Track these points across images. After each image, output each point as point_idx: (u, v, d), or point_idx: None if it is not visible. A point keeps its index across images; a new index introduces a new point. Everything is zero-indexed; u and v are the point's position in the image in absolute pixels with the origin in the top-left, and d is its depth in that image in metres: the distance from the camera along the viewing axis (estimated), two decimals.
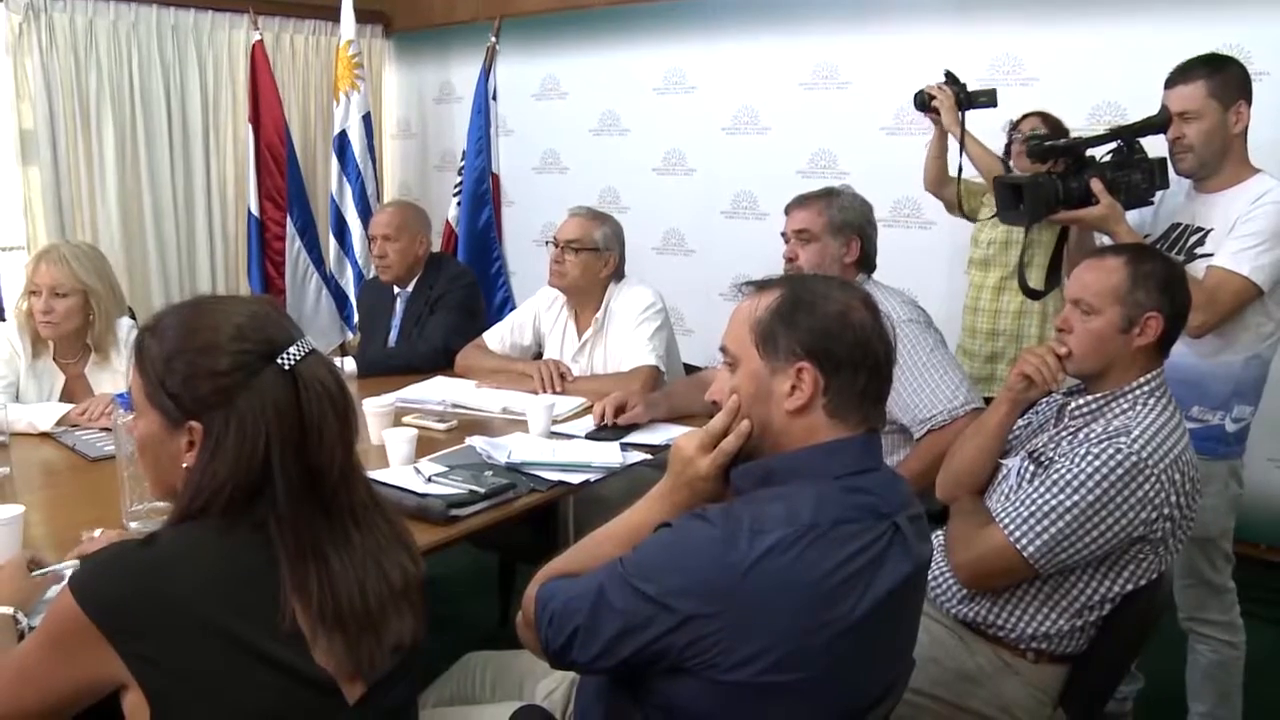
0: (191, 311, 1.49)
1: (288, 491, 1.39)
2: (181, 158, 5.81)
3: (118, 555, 1.39)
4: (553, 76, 5.81)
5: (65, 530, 2.30)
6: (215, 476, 1.38)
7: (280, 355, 1.40)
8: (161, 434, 1.45)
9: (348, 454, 1.47)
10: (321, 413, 1.41)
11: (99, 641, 1.32)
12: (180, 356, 1.42)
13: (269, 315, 1.46)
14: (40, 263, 3.19)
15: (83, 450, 2.91)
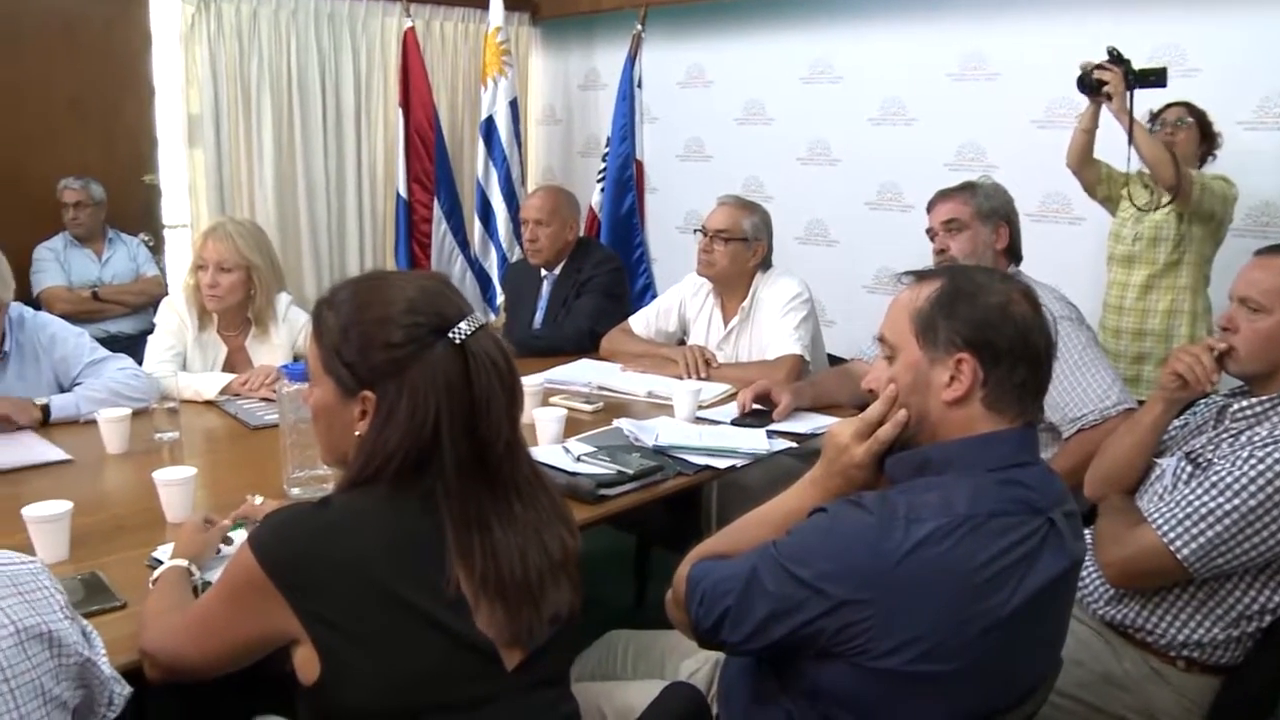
0: (366, 285, 1.54)
1: (455, 462, 1.44)
2: (334, 141, 5.99)
3: (294, 516, 1.46)
4: (698, 65, 5.82)
5: (227, 494, 2.41)
6: (387, 444, 1.43)
7: (451, 330, 1.45)
8: (335, 402, 1.51)
9: (513, 428, 1.52)
10: (490, 387, 1.45)
11: (274, 596, 1.40)
12: (355, 328, 1.47)
13: (440, 290, 1.51)
14: (207, 239, 3.33)
15: (244, 418, 3.04)
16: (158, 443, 2.81)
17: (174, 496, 2.26)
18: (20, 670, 1.16)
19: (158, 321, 3.47)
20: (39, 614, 1.22)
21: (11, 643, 1.16)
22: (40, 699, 1.18)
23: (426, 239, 5.89)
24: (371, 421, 1.46)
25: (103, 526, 2.23)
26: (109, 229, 5.32)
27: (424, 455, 1.43)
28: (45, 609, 1.23)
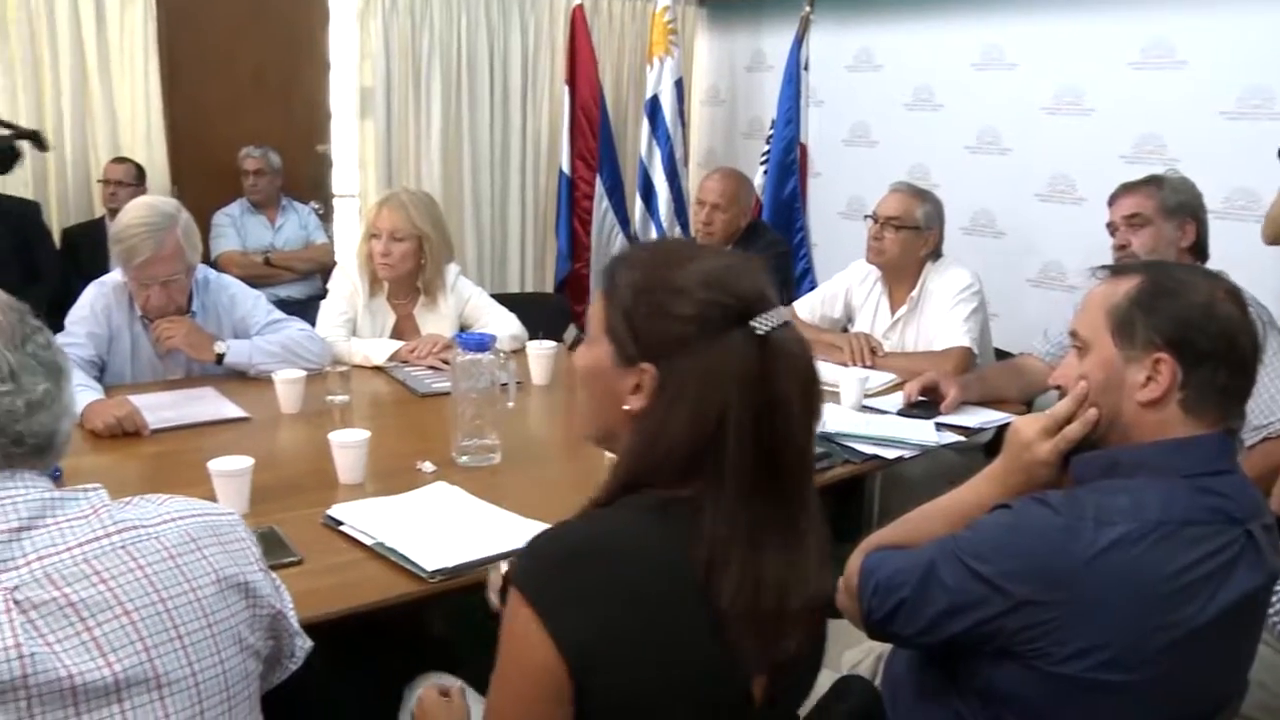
0: (666, 250, 1.45)
1: (739, 468, 1.28)
2: (500, 116, 6.06)
3: (552, 534, 1.33)
4: (866, 49, 5.72)
5: (395, 459, 2.46)
6: (669, 429, 1.29)
7: (754, 318, 1.30)
8: (609, 368, 1.37)
9: (807, 440, 1.35)
10: (789, 390, 1.30)
11: (538, 628, 1.25)
12: (649, 293, 1.34)
13: (745, 271, 1.37)
14: (382, 208, 3.40)
15: (412, 385, 3.10)
16: (329, 405, 2.89)
17: (348, 459, 2.31)
18: (221, 617, 1.18)
19: (331, 287, 3.56)
20: (237, 564, 1.24)
21: (213, 590, 1.19)
22: (237, 645, 1.20)
23: (588, 215, 5.92)
24: (652, 401, 1.32)
25: (279, 483, 2.30)
26: (283, 197, 5.49)
27: (703, 454, 1.28)
28: (243, 559, 1.26)
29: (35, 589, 1.07)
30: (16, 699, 1.02)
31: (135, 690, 1.08)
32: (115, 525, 1.15)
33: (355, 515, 2.08)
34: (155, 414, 2.70)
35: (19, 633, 1.04)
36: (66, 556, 1.10)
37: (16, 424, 1.13)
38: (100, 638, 1.08)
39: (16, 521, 1.10)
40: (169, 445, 2.60)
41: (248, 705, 1.23)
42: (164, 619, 1.13)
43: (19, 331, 1.17)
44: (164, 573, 1.15)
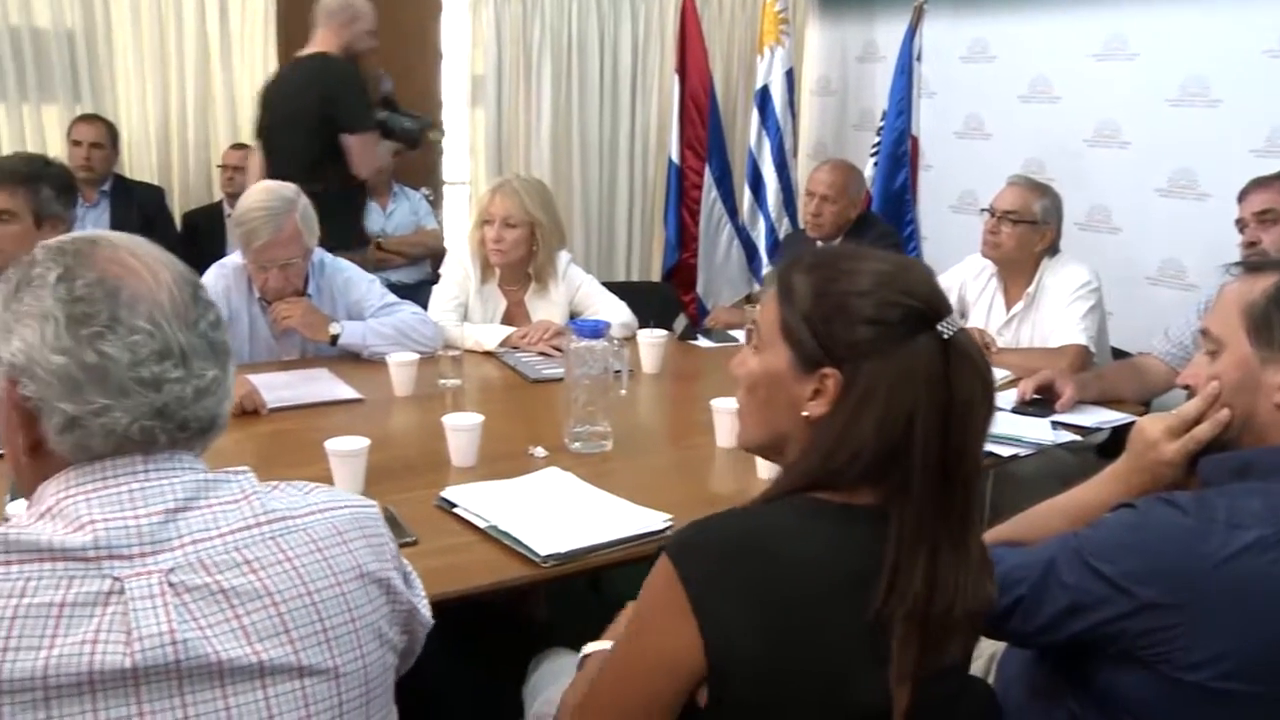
0: (836, 253, 1.44)
1: (925, 472, 1.26)
2: (610, 105, 6.07)
3: (718, 522, 1.32)
4: (981, 39, 5.62)
5: (506, 443, 2.47)
6: (859, 435, 1.28)
7: (940, 322, 1.29)
8: (786, 373, 1.35)
9: (980, 447, 1.35)
10: (971, 395, 1.28)
11: (684, 615, 1.25)
12: (833, 297, 1.32)
13: (917, 272, 1.36)
14: (495, 194, 3.43)
15: (523, 371, 3.12)
16: (441, 389, 2.92)
17: (462, 442, 2.33)
18: (363, 611, 1.18)
19: (443, 272, 3.61)
20: (379, 559, 1.23)
21: (356, 584, 1.18)
22: (377, 640, 1.20)
23: (696, 205, 5.90)
24: (837, 406, 1.30)
25: (392, 464, 2.33)
26: (394, 183, 5.56)
27: (887, 460, 1.27)
28: (383, 554, 1.25)
29: (189, 574, 1.07)
30: (168, 679, 1.03)
31: (279, 675, 1.09)
32: (265, 514, 1.15)
33: (469, 498, 2.10)
34: (272, 393, 2.75)
35: (173, 617, 1.04)
36: (219, 543, 1.10)
37: (184, 410, 1.13)
38: (249, 626, 1.08)
39: (173, 502, 1.10)
40: (285, 424, 2.65)
41: (384, 699, 1.23)
42: (310, 611, 1.13)
43: (192, 311, 1.16)
44: (311, 565, 1.15)
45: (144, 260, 1.15)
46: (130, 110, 5.20)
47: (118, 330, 1.09)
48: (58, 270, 1.11)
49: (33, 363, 1.08)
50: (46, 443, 1.11)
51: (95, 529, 1.06)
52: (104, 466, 1.10)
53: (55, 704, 1.00)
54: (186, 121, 5.27)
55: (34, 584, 1.02)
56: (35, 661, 0.99)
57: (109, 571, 1.04)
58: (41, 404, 1.09)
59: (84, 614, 1.02)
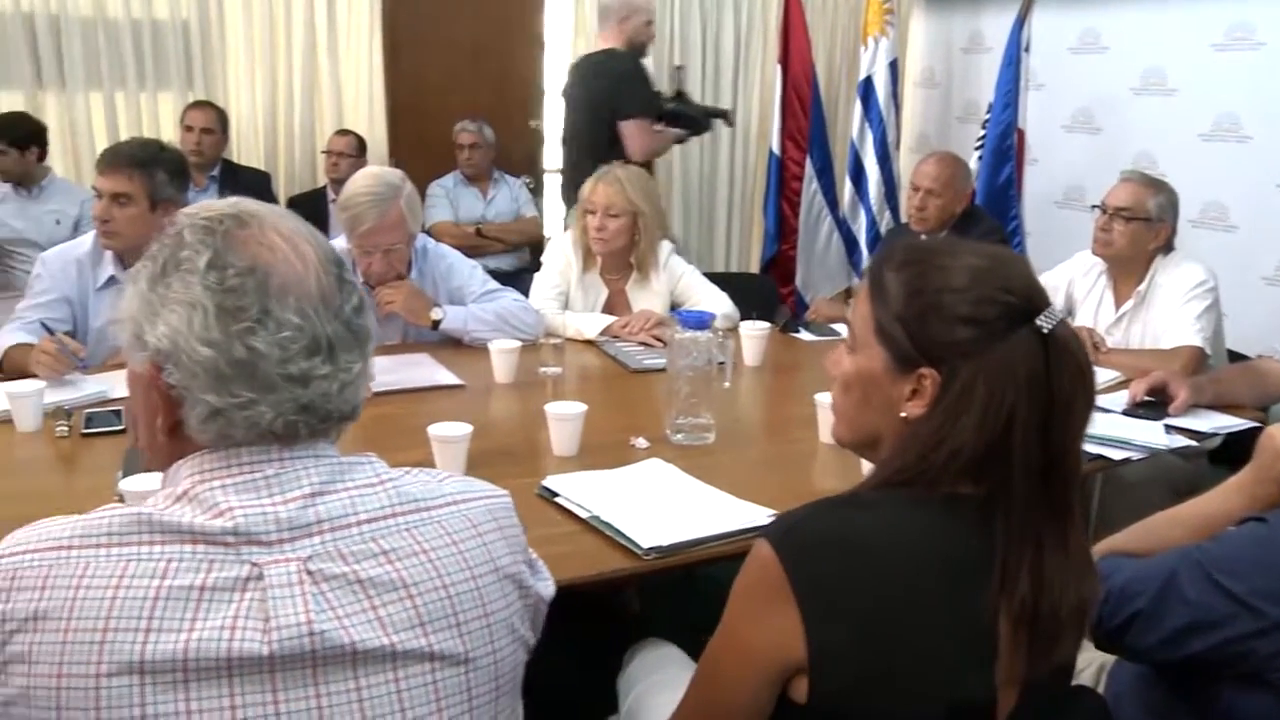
0: (930, 248, 1.39)
1: (1024, 470, 1.24)
2: (711, 94, 6.04)
3: (820, 510, 1.30)
4: (1093, 29, 5.48)
5: (606, 433, 2.46)
6: (958, 436, 1.25)
7: (1039, 315, 1.25)
8: (882, 374, 1.33)
9: (1080, 442, 1.32)
10: (1072, 391, 1.25)
11: (786, 602, 1.23)
12: (924, 293, 1.30)
13: (1015, 265, 1.32)
14: (598, 184, 3.43)
15: (624, 360, 3.11)
16: (542, 376, 2.92)
17: (565, 431, 2.33)
18: (496, 606, 1.17)
19: (545, 260, 3.61)
20: (513, 553, 1.22)
21: (491, 579, 1.17)
22: (510, 635, 1.19)
23: (796, 197, 5.86)
24: (934, 405, 1.28)
25: (493, 451, 2.33)
26: (495, 170, 5.60)
27: (990, 456, 1.24)
28: (517, 547, 1.24)
29: (327, 562, 1.07)
30: (304, 667, 1.04)
31: (412, 665, 1.09)
32: (401, 504, 1.15)
33: (570, 487, 2.10)
34: (375, 377, 2.77)
35: (310, 606, 1.04)
36: (355, 532, 1.10)
37: (328, 404, 1.12)
38: (385, 617, 1.08)
39: (310, 488, 1.10)
40: (387, 408, 2.67)
41: (512, 694, 1.22)
42: (445, 605, 1.12)
43: (337, 296, 1.14)
44: (446, 559, 1.14)
45: (290, 239, 1.13)
46: (240, 97, 5.31)
47: (268, 325, 1.08)
48: (207, 255, 1.09)
49: (178, 350, 1.08)
50: (185, 426, 1.10)
51: (234, 515, 1.06)
52: (240, 454, 1.10)
53: (194, 687, 1.00)
54: (293, 108, 5.37)
55: (175, 565, 1.03)
56: (176, 644, 1.00)
57: (247, 557, 1.05)
58: (185, 393, 1.09)
59: (223, 599, 1.03)
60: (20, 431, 2.49)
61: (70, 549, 1.05)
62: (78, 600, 1.01)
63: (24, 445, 2.46)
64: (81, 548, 1.04)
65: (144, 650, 1.00)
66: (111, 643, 1.00)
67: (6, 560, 1.06)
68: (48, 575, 1.03)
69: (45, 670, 1.00)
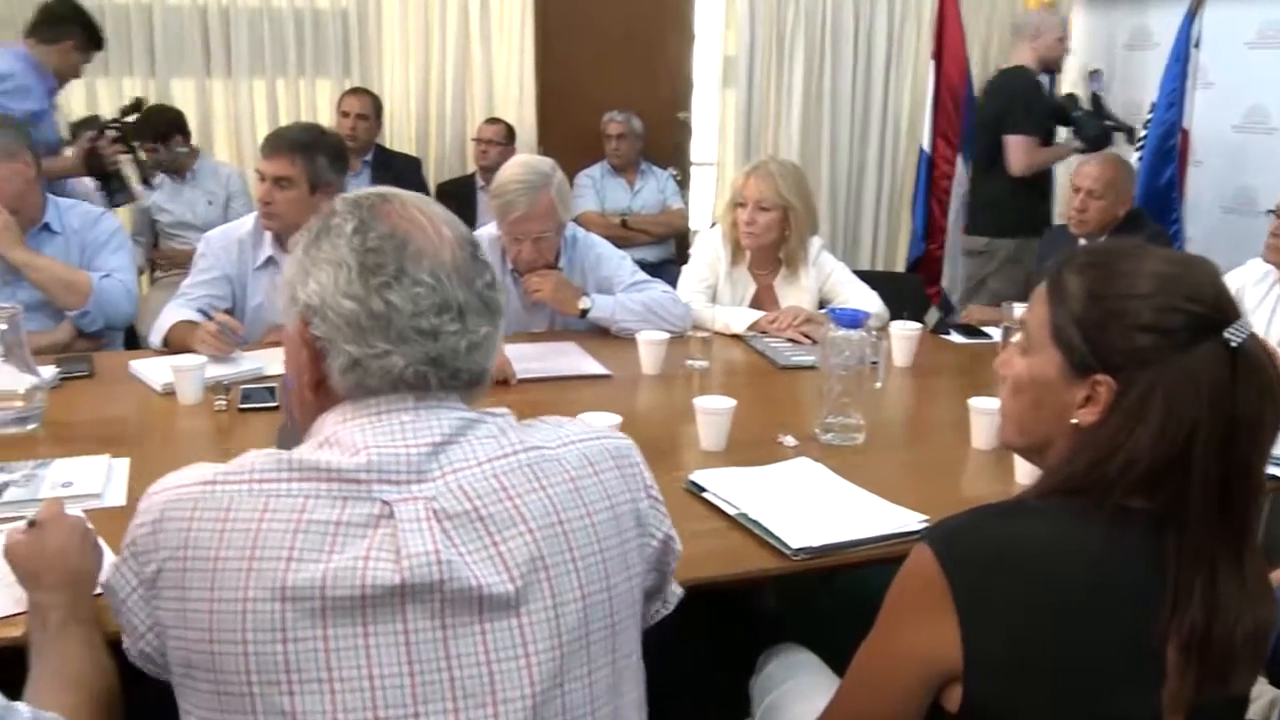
0: (1115, 251, 1.34)
1: (1202, 489, 1.19)
2: (862, 89, 5.95)
3: (984, 517, 1.28)
4: (1273, 22, 5.23)
5: (753, 429, 2.42)
6: (1134, 448, 1.20)
7: (1227, 329, 1.20)
8: (1055, 378, 1.30)
9: (1265, 463, 1.26)
10: (1259, 409, 1.20)
11: (945, 609, 1.21)
12: (1106, 298, 1.26)
13: (1204, 273, 1.27)
14: (750, 177, 3.39)
15: (772, 356, 3.07)
16: (688, 369, 2.90)
17: (713, 425, 2.30)
18: (611, 543, 1.19)
19: (693, 253, 3.59)
20: (630, 490, 1.25)
21: (606, 516, 1.20)
22: (625, 573, 1.21)
23: (946, 196, 5.70)
24: (1110, 414, 1.24)
25: (639, 442, 2.24)
26: (642, 161, 5.59)
27: (1167, 470, 1.20)
28: (635, 485, 1.26)
29: (450, 500, 1.12)
30: (432, 599, 1.08)
31: (533, 602, 1.12)
32: (521, 445, 1.19)
33: (718, 483, 2.07)
34: (521, 364, 2.79)
35: (438, 540, 1.09)
36: (477, 470, 1.15)
37: (456, 360, 1.18)
38: (505, 554, 1.11)
39: (439, 436, 1.15)
40: (534, 395, 2.68)
41: (630, 636, 1.23)
42: (561, 540, 1.15)
43: (471, 269, 1.21)
44: (564, 495, 1.17)
45: (430, 218, 1.22)
46: (394, 84, 5.41)
47: (403, 281, 1.16)
48: (354, 222, 1.19)
49: (325, 305, 1.17)
50: (329, 379, 1.19)
51: (369, 453, 1.12)
52: (379, 402, 1.17)
53: (331, 616, 1.06)
54: (445, 96, 5.45)
55: (312, 501, 1.10)
56: (314, 572, 1.06)
57: (379, 495, 1.11)
58: (329, 344, 1.17)
59: (357, 534, 1.09)
60: (182, 403, 2.58)
61: (215, 484, 1.13)
62: (225, 532, 1.10)
63: (185, 417, 2.55)
64: (225, 483, 1.13)
65: (285, 577, 1.06)
66: (258, 570, 1.07)
67: (157, 496, 1.16)
68: (195, 508, 1.12)
69: (198, 595, 1.09)
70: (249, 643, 1.06)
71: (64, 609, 1.41)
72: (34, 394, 2.36)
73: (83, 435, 2.39)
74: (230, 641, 1.07)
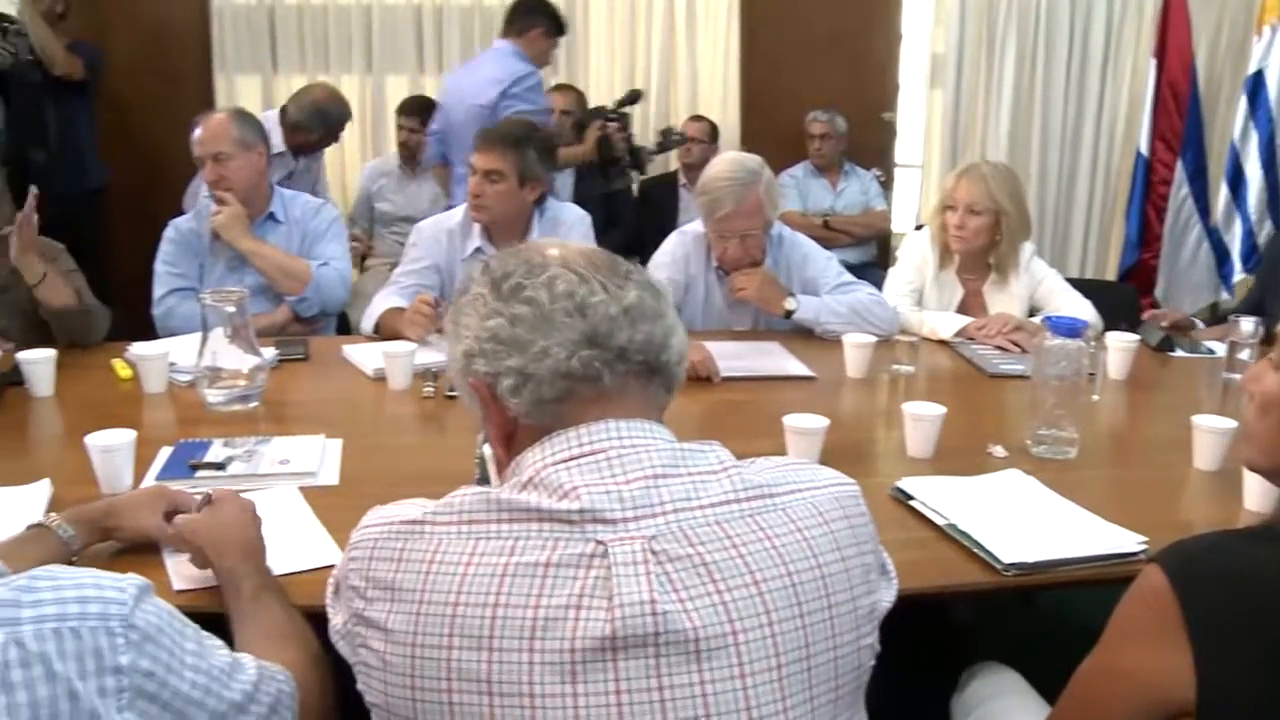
0: None
1: None
2: (1076, 88, 5.73)
3: (1222, 541, 1.24)
4: None
5: (961, 438, 2.36)
6: None
7: None
8: None
9: None
10: None
11: (1177, 636, 1.16)
12: None
13: None
14: (961, 179, 3.32)
15: (980, 364, 3.00)
16: (894, 374, 2.86)
17: (922, 432, 2.26)
18: (841, 599, 1.13)
19: (900, 256, 3.54)
20: (858, 542, 1.18)
21: (837, 569, 1.14)
22: (853, 633, 1.14)
23: (1163, 202, 5.46)
24: None
25: (844, 446, 2.27)
26: (845, 161, 5.53)
27: None
28: (864, 538, 1.20)
29: (671, 543, 1.07)
30: (646, 652, 1.04)
31: (757, 660, 1.06)
32: (745, 490, 1.14)
33: (926, 491, 2.02)
34: (724, 362, 2.79)
35: (654, 586, 1.05)
36: (700, 515, 1.10)
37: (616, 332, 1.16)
38: (730, 603, 1.06)
39: (652, 470, 1.11)
40: (736, 395, 2.68)
41: (853, 699, 1.17)
42: (789, 594, 1.09)
43: (601, 257, 1.22)
44: (791, 546, 1.12)
45: (559, 244, 1.23)
46: (599, 81, 5.49)
47: (534, 274, 1.16)
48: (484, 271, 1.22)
49: (477, 340, 1.17)
50: (510, 412, 1.17)
51: (580, 495, 1.09)
52: (579, 434, 1.14)
53: (538, 670, 1.03)
54: (649, 93, 5.50)
55: (522, 543, 1.07)
56: (523, 620, 1.04)
57: (592, 535, 1.07)
58: (494, 376, 1.16)
59: (567, 575, 1.05)
60: (392, 388, 2.68)
61: (424, 524, 1.12)
62: (430, 575, 1.08)
63: (394, 401, 2.65)
64: (434, 524, 1.12)
65: (491, 625, 1.04)
66: (461, 617, 1.05)
67: (368, 530, 1.17)
68: (404, 549, 1.11)
69: (401, 640, 1.07)
70: (453, 692, 1.04)
71: (255, 577, 1.49)
72: (256, 374, 2.49)
73: (298, 415, 2.52)
74: (434, 690, 1.05)
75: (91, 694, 0.97)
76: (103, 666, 0.99)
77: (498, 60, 4.43)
